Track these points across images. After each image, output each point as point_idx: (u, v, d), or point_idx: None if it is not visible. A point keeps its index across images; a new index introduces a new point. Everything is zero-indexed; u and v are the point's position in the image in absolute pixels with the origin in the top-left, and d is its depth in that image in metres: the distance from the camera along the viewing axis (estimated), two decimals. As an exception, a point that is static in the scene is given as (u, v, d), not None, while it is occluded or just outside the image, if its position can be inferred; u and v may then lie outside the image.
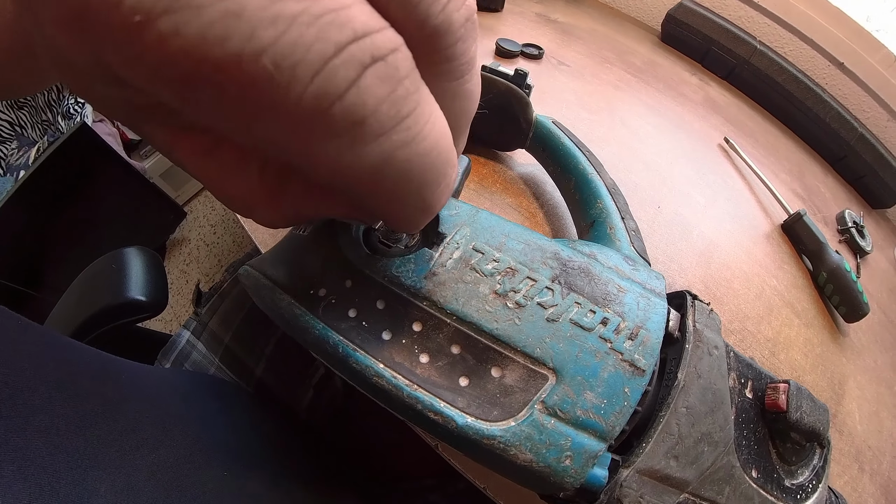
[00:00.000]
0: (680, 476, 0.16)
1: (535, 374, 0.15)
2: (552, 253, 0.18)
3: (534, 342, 0.15)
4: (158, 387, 0.33)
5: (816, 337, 0.40)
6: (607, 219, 0.26)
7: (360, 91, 0.08)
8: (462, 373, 0.15)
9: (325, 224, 0.18)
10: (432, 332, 0.16)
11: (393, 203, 0.10)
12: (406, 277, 0.16)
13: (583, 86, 0.52)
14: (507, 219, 0.19)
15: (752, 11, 0.72)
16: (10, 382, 0.21)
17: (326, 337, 0.15)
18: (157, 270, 0.51)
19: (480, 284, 0.16)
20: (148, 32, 0.07)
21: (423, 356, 0.15)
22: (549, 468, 0.14)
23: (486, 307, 0.15)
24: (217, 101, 0.08)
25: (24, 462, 0.19)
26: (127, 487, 0.22)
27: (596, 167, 0.30)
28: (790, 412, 0.19)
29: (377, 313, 0.16)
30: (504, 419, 0.14)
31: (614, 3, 0.81)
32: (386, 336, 0.16)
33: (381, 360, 0.15)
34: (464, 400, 0.15)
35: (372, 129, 0.08)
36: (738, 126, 0.60)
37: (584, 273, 0.17)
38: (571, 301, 0.16)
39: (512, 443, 0.14)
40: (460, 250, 0.17)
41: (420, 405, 0.14)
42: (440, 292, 0.16)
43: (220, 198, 0.14)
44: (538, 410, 0.14)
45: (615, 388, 0.15)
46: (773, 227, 0.46)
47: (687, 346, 0.18)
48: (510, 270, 0.16)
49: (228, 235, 1.40)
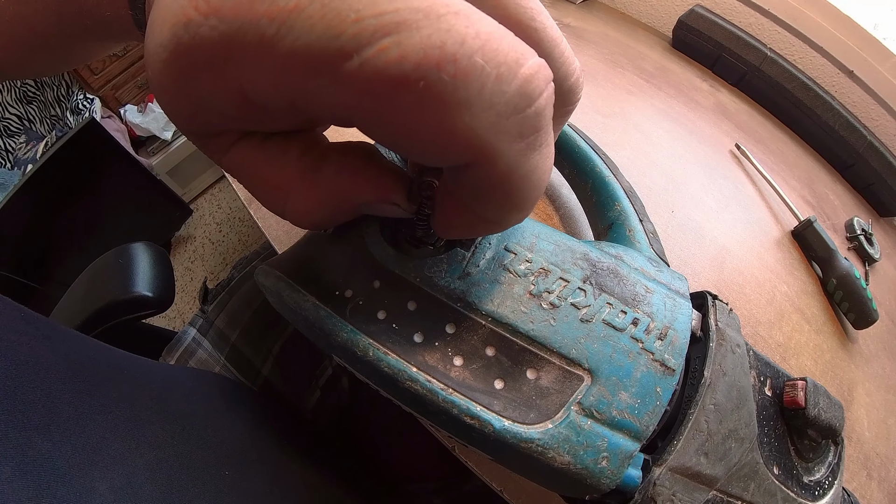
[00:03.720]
0: (710, 473, 0.16)
1: (570, 375, 0.15)
2: (582, 254, 0.18)
3: (570, 343, 0.15)
4: (162, 384, 0.32)
5: (826, 343, 0.40)
6: (626, 221, 0.26)
7: (540, 104, 0.10)
8: (497, 375, 0.15)
9: (350, 223, 0.18)
10: (466, 333, 0.15)
11: (510, 205, 0.12)
12: (439, 278, 0.16)
13: (596, 90, 0.52)
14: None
15: (763, 19, 0.72)
16: (11, 375, 0.20)
17: (355, 340, 0.15)
18: (165, 267, 0.51)
19: (515, 285, 0.16)
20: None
21: (458, 359, 0.15)
22: (586, 470, 0.14)
23: (522, 308, 0.15)
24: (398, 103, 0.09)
25: (23, 459, 0.19)
26: (127, 486, 0.22)
27: (612, 170, 0.30)
28: (808, 408, 0.20)
29: (408, 315, 0.16)
30: (541, 421, 0.14)
31: (626, 8, 0.82)
32: (418, 338, 0.15)
33: (414, 364, 0.15)
34: (500, 403, 0.14)
35: (539, 140, 0.10)
36: (748, 132, 0.60)
37: (614, 274, 0.18)
38: (603, 302, 0.16)
39: (550, 445, 0.14)
40: (492, 250, 0.17)
41: (456, 409, 0.14)
42: (474, 293, 0.16)
43: (258, 188, 0.14)
44: (575, 412, 0.14)
45: (648, 387, 0.15)
46: (783, 233, 0.47)
47: (711, 345, 0.19)
48: (543, 271, 0.16)
49: (234, 234, 1.40)
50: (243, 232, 1.41)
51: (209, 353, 0.46)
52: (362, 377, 0.17)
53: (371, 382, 0.17)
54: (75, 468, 0.20)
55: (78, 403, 0.23)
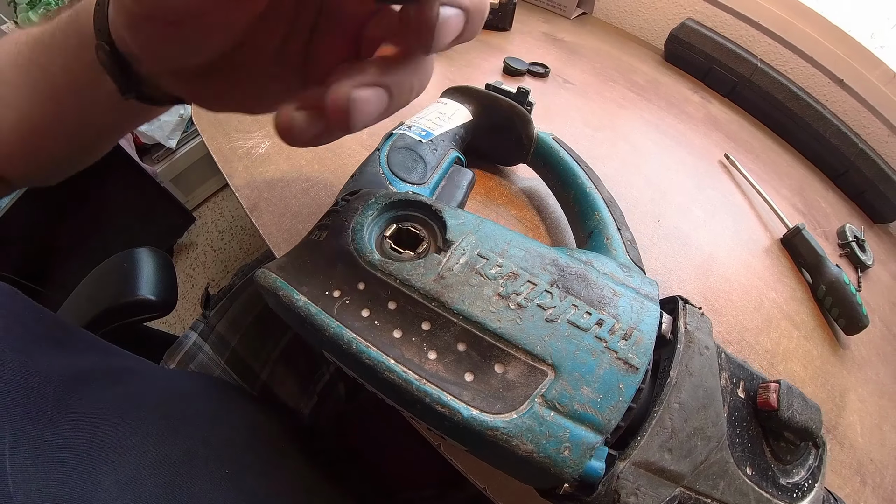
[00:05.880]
0: (675, 469, 0.17)
1: (535, 370, 0.16)
2: (551, 259, 0.19)
3: (534, 340, 0.16)
4: (165, 385, 0.33)
5: (816, 349, 0.40)
6: (604, 229, 0.28)
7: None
8: (467, 369, 0.16)
9: (340, 231, 0.20)
10: (440, 330, 0.17)
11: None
12: (416, 280, 0.17)
13: (587, 104, 0.54)
14: (510, 228, 0.20)
15: (754, 31, 0.74)
16: (28, 368, 0.21)
17: (341, 335, 0.17)
18: (168, 271, 0.52)
19: (485, 287, 0.17)
20: None
21: (432, 353, 0.17)
22: (548, 459, 0.15)
23: (490, 308, 0.17)
24: None
25: (35, 450, 0.19)
26: (131, 481, 0.23)
27: (594, 181, 0.32)
28: (781, 410, 0.20)
29: (388, 313, 0.17)
30: (507, 412, 0.15)
31: (619, 22, 0.84)
32: (397, 334, 0.17)
33: (392, 357, 0.16)
34: (469, 394, 0.16)
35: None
36: (739, 143, 0.61)
37: (581, 278, 0.19)
38: (569, 303, 0.17)
39: (514, 434, 0.15)
40: (466, 256, 0.18)
41: (428, 398, 0.15)
42: (448, 294, 0.17)
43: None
44: (538, 404, 0.15)
45: (610, 384, 0.16)
46: (772, 241, 0.47)
47: (679, 347, 0.19)
48: (512, 275, 0.18)
49: (235, 242, 1.42)
50: (245, 240, 1.43)
51: (209, 357, 0.47)
52: (348, 370, 0.19)
53: (356, 375, 0.18)
54: (83, 463, 0.21)
55: (87, 400, 0.23)
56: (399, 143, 0.29)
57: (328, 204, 0.36)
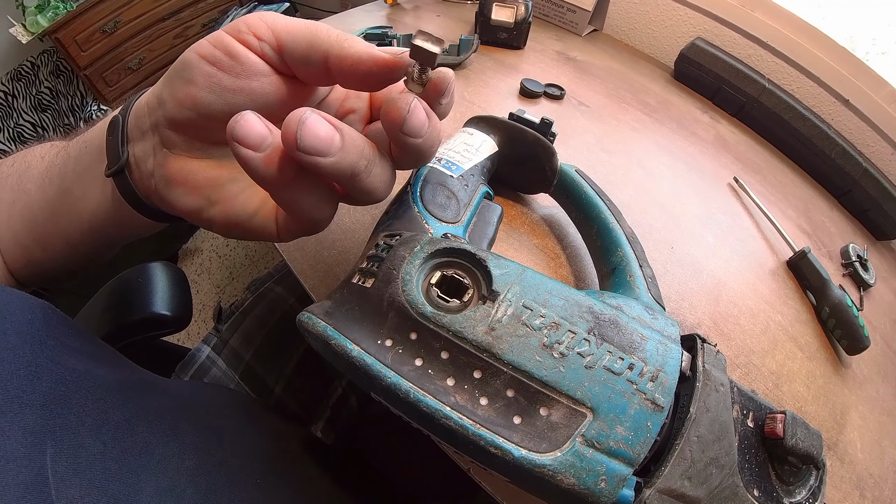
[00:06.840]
0: (693, 494, 0.20)
1: (575, 412, 0.18)
2: (587, 307, 0.21)
3: (575, 386, 0.19)
4: (189, 398, 0.34)
5: (819, 369, 0.43)
6: (627, 266, 0.30)
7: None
8: (516, 412, 0.19)
9: (388, 280, 0.21)
10: (490, 378, 0.19)
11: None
12: (468, 333, 0.19)
13: (602, 127, 0.56)
14: (547, 275, 0.23)
15: (762, 51, 0.75)
16: (66, 380, 0.22)
17: (399, 385, 0.18)
18: (182, 287, 0.52)
19: (531, 337, 0.20)
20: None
21: (483, 399, 0.19)
22: (587, 490, 0.18)
23: (537, 357, 0.19)
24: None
25: (76, 459, 0.20)
26: (170, 488, 0.24)
27: (616, 216, 0.34)
28: (786, 439, 0.22)
29: (441, 362, 0.19)
30: (551, 450, 0.18)
31: (630, 40, 0.86)
32: (450, 382, 0.19)
33: (448, 404, 0.18)
34: (518, 435, 0.18)
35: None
36: (746, 164, 0.63)
37: (614, 324, 0.21)
38: (605, 350, 0.20)
39: (559, 470, 0.17)
40: (513, 307, 0.20)
41: (482, 441, 0.18)
42: (498, 345, 0.19)
43: None
44: (579, 443, 0.18)
45: (640, 422, 0.19)
46: (778, 263, 0.50)
47: (697, 385, 0.22)
48: (555, 325, 0.20)
49: (241, 249, 1.44)
50: (250, 247, 1.43)
51: (223, 372, 0.48)
52: (400, 413, 0.20)
53: (410, 419, 0.20)
54: (125, 471, 0.22)
55: (126, 409, 0.24)
56: (431, 179, 0.30)
57: (350, 225, 0.37)
